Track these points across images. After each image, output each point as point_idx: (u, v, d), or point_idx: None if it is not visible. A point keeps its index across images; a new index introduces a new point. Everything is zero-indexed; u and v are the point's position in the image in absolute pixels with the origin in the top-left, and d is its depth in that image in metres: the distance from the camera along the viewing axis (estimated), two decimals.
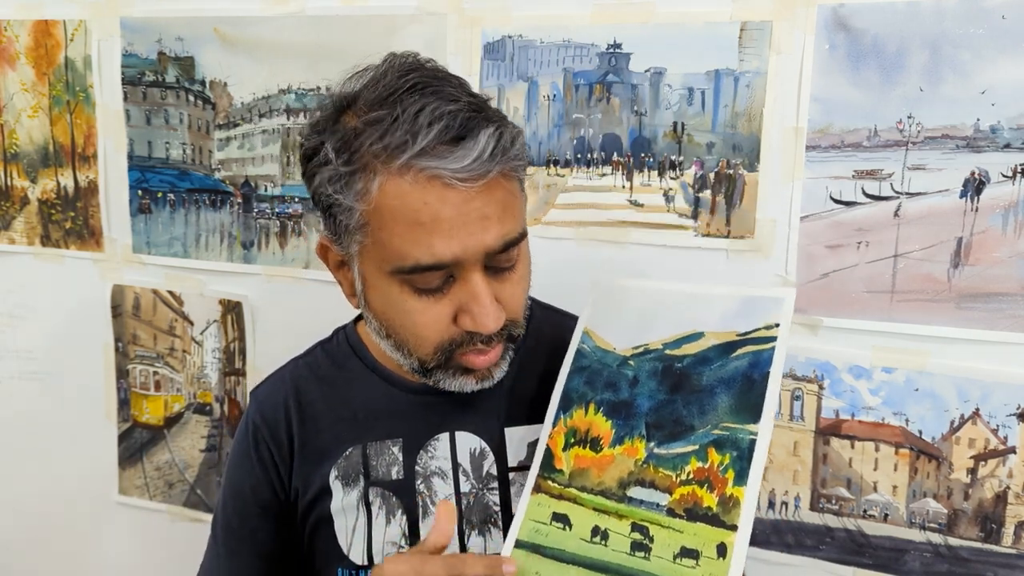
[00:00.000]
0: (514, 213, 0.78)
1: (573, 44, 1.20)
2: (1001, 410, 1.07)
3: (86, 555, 1.64)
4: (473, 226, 0.74)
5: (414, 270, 0.76)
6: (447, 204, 0.73)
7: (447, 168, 0.72)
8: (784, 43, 1.10)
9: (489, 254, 0.76)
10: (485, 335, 0.79)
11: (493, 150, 0.73)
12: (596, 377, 0.83)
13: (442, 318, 0.79)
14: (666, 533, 0.72)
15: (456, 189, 0.73)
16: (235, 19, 1.36)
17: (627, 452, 0.77)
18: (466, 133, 0.73)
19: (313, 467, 0.92)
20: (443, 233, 0.74)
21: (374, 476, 0.91)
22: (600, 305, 0.88)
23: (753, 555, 1.21)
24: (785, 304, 0.77)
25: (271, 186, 1.40)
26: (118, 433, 1.56)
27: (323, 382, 0.95)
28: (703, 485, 0.72)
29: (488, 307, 0.77)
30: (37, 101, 1.51)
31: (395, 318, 0.81)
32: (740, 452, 0.72)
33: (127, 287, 1.51)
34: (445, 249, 0.74)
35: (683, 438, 0.75)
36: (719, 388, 0.76)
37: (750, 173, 1.14)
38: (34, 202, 1.55)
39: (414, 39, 1.24)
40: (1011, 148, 1.03)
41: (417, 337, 0.80)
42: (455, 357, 0.81)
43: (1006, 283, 1.05)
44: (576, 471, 0.79)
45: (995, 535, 1.10)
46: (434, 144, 0.72)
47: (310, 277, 1.39)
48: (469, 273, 0.76)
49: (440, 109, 0.73)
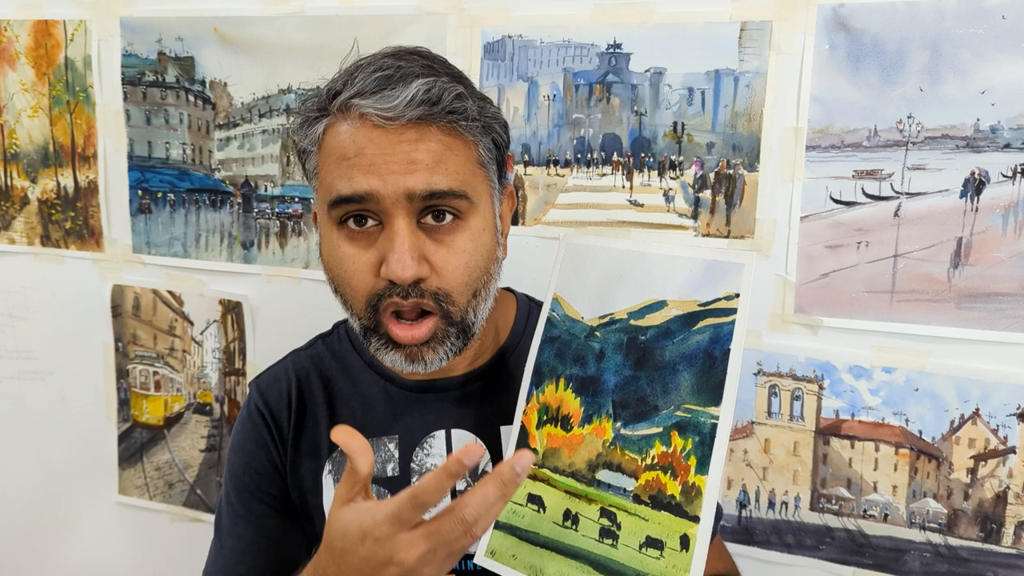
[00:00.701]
0: (451, 169, 0.78)
1: (573, 44, 1.20)
2: (1001, 410, 1.07)
3: (86, 555, 1.64)
4: (396, 166, 0.76)
5: (336, 202, 0.79)
6: (372, 143, 0.77)
7: (373, 107, 0.76)
8: (784, 43, 1.10)
9: (412, 197, 0.77)
10: (400, 287, 0.78)
11: (418, 97, 0.76)
12: (565, 349, 0.81)
13: (368, 267, 0.79)
14: (632, 520, 0.72)
15: (383, 129, 0.76)
16: (235, 19, 1.36)
17: (595, 432, 0.76)
18: (400, 81, 0.77)
19: (308, 461, 0.93)
20: (364, 168, 0.77)
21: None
22: (567, 267, 0.85)
23: (753, 555, 1.21)
24: (745, 271, 0.73)
25: (271, 186, 1.40)
26: (118, 433, 1.56)
27: (323, 376, 0.95)
28: (667, 471, 0.71)
29: (402, 253, 0.77)
30: (37, 101, 1.51)
31: (335, 267, 0.82)
32: (702, 437, 0.71)
33: (127, 287, 1.51)
34: (363, 181, 0.77)
35: (647, 419, 0.74)
36: (681, 365, 0.74)
37: (750, 173, 1.14)
38: (34, 202, 1.55)
39: (414, 39, 1.24)
40: (1011, 148, 1.03)
41: (349, 287, 0.81)
42: (382, 320, 0.81)
43: (1006, 283, 1.05)
44: (549, 451, 0.78)
45: (995, 535, 1.10)
46: (369, 88, 0.77)
47: (310, 277, 1.39)
48: (394, 219, 0.78)
49: (392, 64, 0.78)
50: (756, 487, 1.20)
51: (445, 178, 0.78)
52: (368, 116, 0.77)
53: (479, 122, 0.80)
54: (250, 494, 0.94)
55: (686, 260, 0.77)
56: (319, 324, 1.01)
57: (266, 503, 0.94)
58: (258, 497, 0.94)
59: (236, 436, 0.97)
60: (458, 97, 0.78)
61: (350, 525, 0.67)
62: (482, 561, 0.77)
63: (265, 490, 0.94)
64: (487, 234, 0.83)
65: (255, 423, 0.95)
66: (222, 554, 0.96)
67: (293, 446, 0.93)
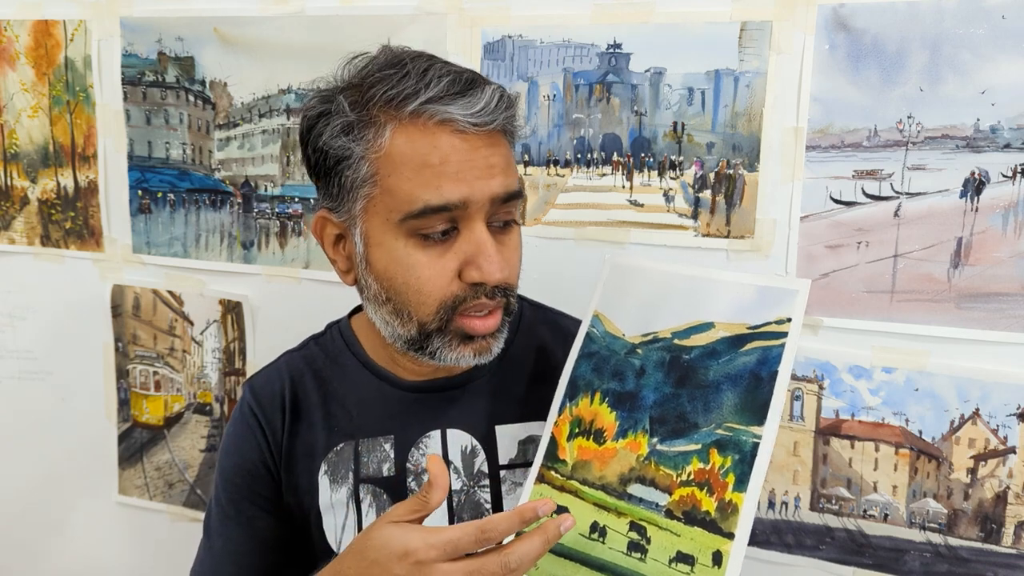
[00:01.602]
0: (514, 169, 0.82)
1: (573, 44, 1.20)
2: (1001, 410, 1.07)
3: (86, 555, 1.64)
4: (480, 171, 0.77)
5: (423, 212, 0.77)
6: (456, 149, 0.77)
7: (458, 113, 0.76)
8: (784, 43, 1.10)
9: (494, 201, 0.79)
10: (490, 288, 0.79)
11: (498, 102, 0.78)
12: (603, 364, 0.82)
13: (447, 271, 0.79)
14: (663, 535, 0.72)
15: (464, 135, 0.77)
16: (235, 19, 1.36)
17: (630, 446, 0.77)
18: (473, 86, 0.78)
19: (303, 461, 0.92)
20: (451, 175, 0.76)
21: (364, 473, 0.91)
22: (610, 285, 0.86)
23: (753, 555, 1.21)
24: (799, 297, 0.75)
25: (271, 186, 1.40)
26: (118, 433, 1.56)
27: (317, 377, 0.95)
28: (703, 488, 0.72)
29: (494, 255, 0.78)
30: (37, 101, 1.51)
31: (399, 275, 0.81)
32: (742, 455, 0.71)
33: (127, 287, 1.51)
34: (454, 190, 0.76)
35: (686, 435, 0.74)
36: (725, 385, 0.74)
37: (750, 173, 1.14)
38: (34, 202, 1.55)
39: (414, 39, 1.24)
40: (1011, 148, 1.03)
41: (420, 294, 0.80)
42: (455, 319, 0.81)
43: (1006, 283, 1.05)
44: (579, 463, 0.79)
45: (995, 535, 1.10)
46: (443, 93, 0.76)
47: (310, 277, 1.39)
48: (474, 223, 0.78)
49: (446, 67, 0.79)
50: None
51: (515, 180, 0.81)
52: (449, 122, 0.76)
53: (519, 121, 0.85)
54: (241, 496, 0.94)
55: (737, 285, 0.79)
56: (319, 324, 1.01)
57: (257, 504, 0.94)
58: (249, 499, 0.94)
59: (228, 437, 0.96)
60: (513, 100, 0.81)
61: (393, 540, 0.68)
62: None
63: (256, 492, 0.94)
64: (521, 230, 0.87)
65: (248, 424, 0.94)
66: (211, 554, 0.95)
67: (287, 447, 0.93)
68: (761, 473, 0.70)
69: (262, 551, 0.94)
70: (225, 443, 0.97)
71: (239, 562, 0.94)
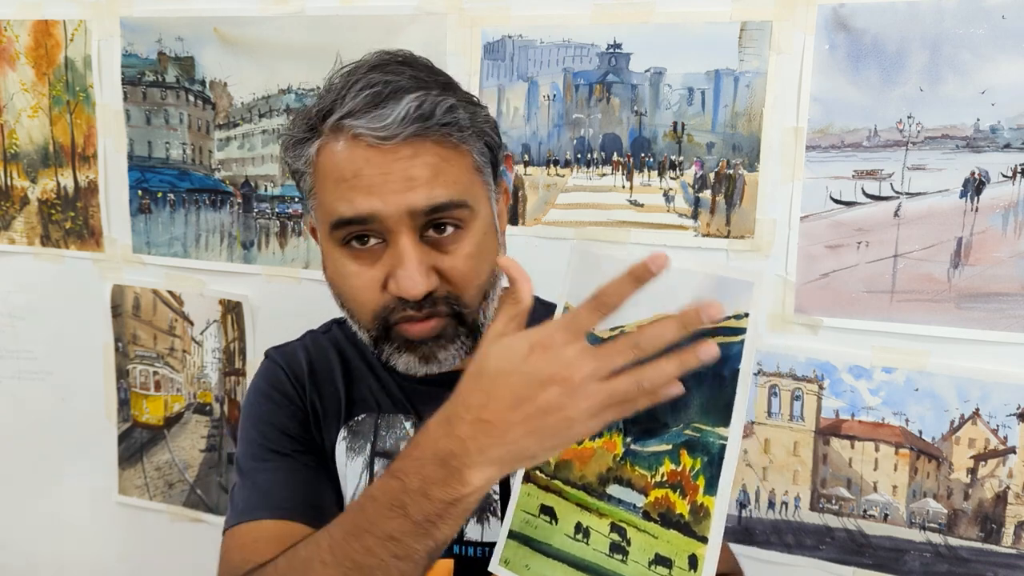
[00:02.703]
0: (450, 180, 0.78)
1: (573, 44, 1.20)
2: (1001, 410, 1.07)
3: (86, 555, 1.64)
4: (396, 184, 0.76)
5: (338, 224, 0.79)
6: (369, 163, 0.76)
7: (364, 128, 0.76)
8: (784, 43, 1.10)
9: (414, 214, 0.77)
10: (411, 301, 0.78)
11: (411, 114, 0.76)
12: None
13: (373, 283, 0.80)
14: (642, 537, 0.72)
15: (378, 149, 0.76)
16: (235, 19, 1.36)
17: (606, 446, 0.76)
18: (389, 99, 0.77)
19: (327, 423, 0.92)
20: (363, 189, 0.77)
21: (380, 446, 0.91)
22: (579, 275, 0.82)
23: (753, 555, 1.21)
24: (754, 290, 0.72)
25: (271, 186, 1.40)
26: (118, 433, 1.56)
27: (341, 354, 0.95)
28: (675, 490, 0.71)
29: (411, 270, 0.77)
30: (37, 101, 1.51)
31: (339, 283, 0.83)
32: (710, 458, 0.70)
33: (127, 287, 1.51)
34: (364, 203, 0.77)
35: (657, 435, 0.74)
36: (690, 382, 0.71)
37: (750, 173, 1.14)
38: (34, 202, 1.55)
39: (414, 39, 1.24)
40: (1011, 148, 1.03)
41: (356, 303, 0.82)
42: (393, 328, 0.81)
43: (1006, 283, 1.05)
44: (560, 462, 0.78)
45: (995, 535, 1.10)
46: (356, 108, 0.76)
47: (310, 277, 1.39)
48: (398, 236, 0.78)
49: (380, 79, 0.78)
50: (756, 487, 1.20)
51: (445, 190, 0.78)
52: (362, 136, 0.76)
53: (471, 129, 0.81)
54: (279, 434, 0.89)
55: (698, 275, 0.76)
56: (319, 324, 1.01)
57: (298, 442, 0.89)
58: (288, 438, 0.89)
59: (257, 392, 0.93)
60: (450, 109, 0.78)
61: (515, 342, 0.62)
62: (496, 569, 0.77)
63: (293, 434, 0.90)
64: (489, 236, 0.84)
65: (279, 379, 0.92)
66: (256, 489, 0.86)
67: (312, 407, 0.92)
68: (729, 476, 0.69)
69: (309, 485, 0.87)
70: (252, 398, 0.93)
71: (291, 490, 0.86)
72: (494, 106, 1.24)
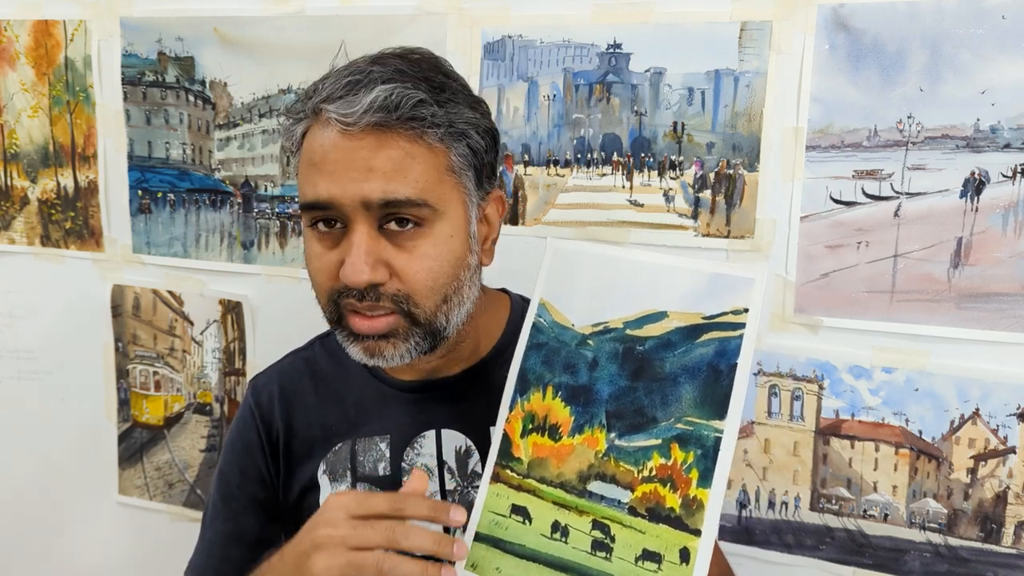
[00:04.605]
0: (411, 177, 0.78)
1: (573, 44, 1.20)
2: (1001, 410, 1.07)
3: (86, 555, 1.64)
4: (355, 172, 0.77)
5: (304, 207, 0.81)
6: (336, 148, 0.77)
7: (336, 112, 0.77)
8: (784, 43, 1.10)
9: (369, 205, 0.77)
10: (354, 290, 0.79)
11: (376, 103, 0.76)
12: (554, 356, 0.79)
13: (330, 265, 0.81)
14: (628, 533, 0.71)
15: (346, 135, 0.77)
16: (235, 19, 1.36)
17: (587, 442, 0.74)
18: (363, 87, 0.77)
19: (301, 461, 0.94)
20: (327, 174, 0.78)
21: (361, 472, 0.92)
22: (555, 272, 0.82)
23: (753, 555, 1.21)
24: (756, 285, 0.71)
25: (271, 186, 1.40)
26: (118, 433, 1.56)
27: (317, 377, 0.96)
28: (666, 484, 0.70)
29: (355, 258, 0.77)
30: (37, 101, 1.51)
31: (307, 264, 0.85)
32: (705, 451, 0.69)
33: (127, 287, 1.51)
34: (325, 189, 0.78)
35: (645, 430, 0.72)
36: (683, 377, 0.72)
37: (750, 173, 1.14)
38: (34, 202, 1.55)
39: (414, 39, 1.23)
40: (1011, 148, 1.03)
41: (316, 284, 0.84)
42: (344, 316, 0.82)
43: (1006, 283, 1.05)
44: (535, 461, 0.77)
45: (995, 535, 1.10)
46: (337, 92, 0.78)
47: None
48: (354, 224, 0.78)
49: (366, 68, 0.78)
50: (756, 487, 1.20)
51: (404, 186, 0.77)
52: (334, 121, 0.77)
53: (447, 128, 0.79)
54: (232, 494, 0.97)
55: (688, 272, 0.75)
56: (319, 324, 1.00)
57: (246, 503, 0.97)
58: (239, 497, 0.97)
59: (231, 433, 1.00)
60: (420, 104, 0.77)
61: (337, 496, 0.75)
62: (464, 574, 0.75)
63: (246, 490, 0.97)
64: (455, 240, 0.82)
65: (248, 425, 0.97)
66: (202, 545, 1.00)
67: (286, 447, 0.95)
68: (725, 468, 0.68)
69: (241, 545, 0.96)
70: (228, 437, 1.00)
71: (221, 554, 0.97)
72: (494, 106, 1.24)
